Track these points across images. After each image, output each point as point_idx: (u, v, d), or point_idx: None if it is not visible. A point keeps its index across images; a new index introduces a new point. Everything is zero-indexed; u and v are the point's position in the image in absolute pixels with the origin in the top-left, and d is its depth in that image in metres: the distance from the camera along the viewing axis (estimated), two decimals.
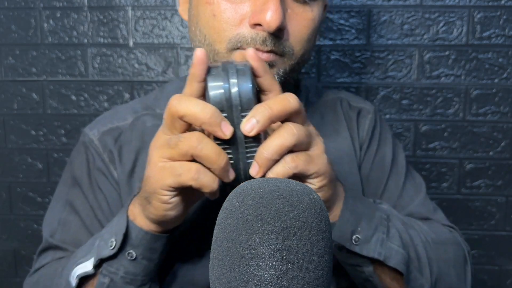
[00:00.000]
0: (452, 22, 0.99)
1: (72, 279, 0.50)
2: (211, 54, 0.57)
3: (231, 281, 0.32)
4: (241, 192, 0.35)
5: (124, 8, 1.04)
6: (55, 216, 0.63)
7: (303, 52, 0.56)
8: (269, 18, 0.50)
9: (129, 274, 0.48)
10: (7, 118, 1.10)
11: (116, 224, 0.48)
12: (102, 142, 0.62)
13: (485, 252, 1.08)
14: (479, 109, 1.02)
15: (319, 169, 0.43)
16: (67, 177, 0.66)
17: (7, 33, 1.06)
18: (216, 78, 0.42)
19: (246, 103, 0.41)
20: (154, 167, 0.42)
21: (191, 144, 0.39)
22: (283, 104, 0.41)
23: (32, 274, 0.61)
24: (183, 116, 0.40)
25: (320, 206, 0.35)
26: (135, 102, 0.68)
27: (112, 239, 0.47)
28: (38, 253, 0.63)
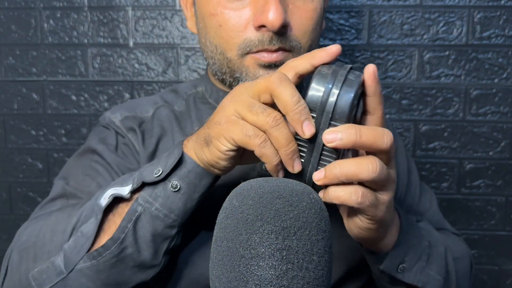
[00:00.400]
0: (452, 22, 0.99)
1: (102, 200, 0.47)
2: (224, 62, 0.58)
3: (231, 280, 0.32)
4: (241, 192, 0.35)
5: (124, 8, 1.04)
6: (71, 174, 0.60)
7: (310, 43, 0.58)
8: (271, 18, 0.51)
9: (164, 208, 0.46)
10: (7, 118, 1.10)
11: (166, 156, 0.47)
12: (125, 124, 0.63)
13: (485, 252, 1.08)
14: (479, 109, 1.02)
15: (377, 215, 0.42)
16: (82, 150, 0.64)
17: (7, 33, 1.06)
18: (322, 79, 0.41)
19: (338, 114, 0.40)
20: (226, 116, 0.42)
21: (268, 122, 0.40)
22: (375, 139, 0.39)
23: (34, 219, 0.55)
24: (275, 96, 0.40)
25: (320, 206, 0.35)
26: (155, 96, 0.69)
27: (159, 168, 0.46)
28: (41, 205, 0.58)
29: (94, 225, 0.47)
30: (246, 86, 0.44)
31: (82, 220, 0.48)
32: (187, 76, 1.05)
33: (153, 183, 0.46)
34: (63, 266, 0.47)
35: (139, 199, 0.47)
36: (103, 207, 0.47)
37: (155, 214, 0.46)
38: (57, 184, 0.60)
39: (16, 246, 0.52)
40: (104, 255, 0.46)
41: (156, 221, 0.46)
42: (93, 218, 0.47)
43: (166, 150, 0.60)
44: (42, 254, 0.49)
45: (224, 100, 0.45)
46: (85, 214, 0.49)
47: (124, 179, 0.49)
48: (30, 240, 0.50)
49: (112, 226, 0.47)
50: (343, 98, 0.40)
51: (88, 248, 0.46)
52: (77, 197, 0.57)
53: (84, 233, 0.47)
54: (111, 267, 0.47)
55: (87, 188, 0.57)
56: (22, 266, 0.49)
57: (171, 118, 0.64)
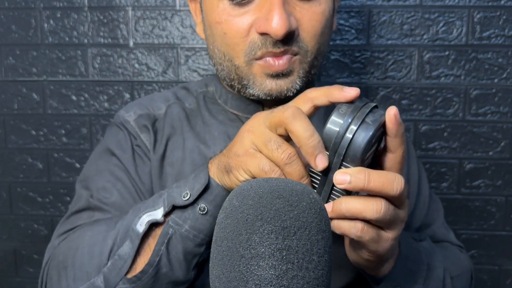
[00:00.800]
0: (452, 22, 0.99)
1: (139, 226, 0.49)
2: (232, 69, 0.58)
3: (231, 280, 0.32)
4: (241, 192, 0.35)
5: (124, 8, 1.04)
6: (93, 180, 0.62)
7: (318, 47, 0.57)
8: (275, 27, 0.51)
9: (193, 229, 0.48)
10: (7, 118, 1.10)
11: (193, 179, 0.49)
12: (139, 123, 0.64)
13: (484, 252, 1.08)
14: (479, 109, 1.02)
15: (378, 251, 0.44)
16: (101, 150, 0.65)
17: (7, 33, 1.06)
18: (341, 115, 0.41)
19: (351, 155, 0.40)
20: (245, 149, 0.44)
21: (283, 159, 0.41)
22: (383, 186, 0.40)
23: (63, 234, 0.58)
24: (289, 131, 0.41)
25: (320, 206, 0.35)
26: (167, 92, 0.70)
27: (186, 191, 0.48)
28: (68, 216, 0.61)
29: (131, 249, 0.49)
30: (263, 116, 0.45)
31: (118, 244, 0.51)
32: (187, 76, 1.05)
33: (183, 207, 0.48)
34: (103, 287, 0.50)
35: (169, 221, 0.49)
36: (141, 233, 0.49)
37: (185, 235, 0.48)
38: (80, 194, 0.62)
39: (54, 264, 0.54)
40: (142, 279, 0.49)
41: (187, 241, 0.49)
42: (128, 241, 0.50)
43: (175, 150, 0.62)
44: (81, 275, 0.51)
45: (243, 129, 0.46)
46: (120, 238, 0.51)
47: (155, 201, 0.50)
48: (67, 260, 0.53)
49: (147, 249, 0.50)
50: (358, 140, 0.40)
51: (126, 270, 0.49)
52: (102, 210, 0.59)
53: (122, 256, 0.50)
54: (149, 286, 0.50)
55: (109, 199, 0.59)
56: (62, 284, 0.52)
57: (182, 117, 0.65)
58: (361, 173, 0.39)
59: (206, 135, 0.63)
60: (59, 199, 1.12)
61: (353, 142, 0.40)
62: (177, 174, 0.61)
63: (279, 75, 0.56)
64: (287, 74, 0.56)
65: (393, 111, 0.40)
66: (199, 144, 0.63)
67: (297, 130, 0.40)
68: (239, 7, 0.55)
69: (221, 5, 0.56)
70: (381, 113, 0.41)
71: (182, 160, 0.62)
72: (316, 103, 0.44)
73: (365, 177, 0.39)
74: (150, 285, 0.49)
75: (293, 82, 0.57)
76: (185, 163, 0.61)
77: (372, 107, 0.41)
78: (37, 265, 1.16)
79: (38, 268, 1.16)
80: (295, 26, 0.54)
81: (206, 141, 0.63)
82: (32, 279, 1.17)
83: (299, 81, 0.57)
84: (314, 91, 0.45)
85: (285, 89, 0.57)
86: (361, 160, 0.41)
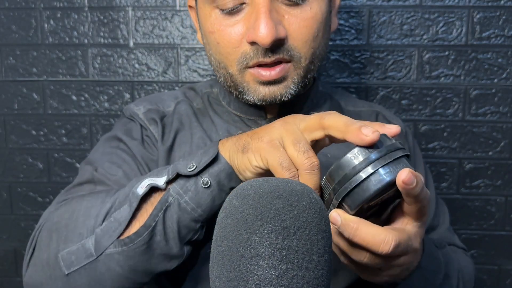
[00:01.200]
0: (452, 23, 0.99)
1: (139, 189, 0.48)
2: (228, 77, 0.59)
3: (231, 280, 0.32)
4: (241, 192, 0.35)
5: (125, 8, 1.04)
6: (99, 161, 0.61)
7: (313, 51, 0.57)
8: (261, 35, 0.51)
9: (192, 201, 0.47)
10: (7, 118, 1.10)
11: (202, 154, 0.48)
12: (148, 117, 0.65)
13: (484, 252, 1.08)
14: (479, 109, 1.02)
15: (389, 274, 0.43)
16: (108, 136, 0.65)
17: (7, 34, 1.07)
18: (365, 151, 0.39)
19: (352, 201, 0.40)
20: (271, 138, 0.44)
21: (305, 165, 0.41)
22: (369, 244, 0.39)
23: (63, 201, 0.57)
24: (327, 126, 0.41)
25: (320, 206, 0.35)
26: (177, 91, 0.71)
27: (193, 163, 0.47)
28: (68, 188, 0.60)
29: (128, 212, 0.48)
30: (300, 118, 0.45)
31: (116, 207, 0.49)
32: (187, 76, 1.05)
33: (186, 176, 0.48)
34: (93, 249, 0.48)
35: (171, 190, 0.48)
36: (140, 195, 0.48)
37: (184, 206, 0.48)
38: (84, 169, 0.61)
39: (46, 226, 0.52)
40: (135, 241, 0.47)
41: (184, 213, 0.48)
42: (127, 205, 0.49)
43: (183, 144, 0.63)
44: (73, 236, 0.50)
45: (277, 121, 0.46)
46: (119, 201, 0.50)
47: (159, 171, 0.50)
48: (61, 222, 0.51)
49: (144, 214, 0.49)
50: (363, 189, 0.39)
51: (120, 233, 0.48)
52: (104, 184, 0.58)
53: (117, 219, 0.48)
54: (141, 254, 0.48)
55: (114, 176, 0.59)
56: (52, 245, 0.50)
57: (190, 113, 0.66)
58: (352, 223, 0.39)
59: (213, 134, 0.64)
60: None
61: (359, 189, 0.39)
62: None
63: (273, 82, 0.56)
64: (280, 81, 0.56)
65: (403, 176, 0.38)
66: (206, 140, 0.63)
67: (336, 121, 0.40)
68: (229, 17, 0.55)
69: (213, 14, 0.56)
70: (403, 166, 0.39)
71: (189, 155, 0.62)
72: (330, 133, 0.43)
73: (352, 230, 0.39)
74: (142, 252, 0.48)
75: (287, 87, 0.57)
76: None
77: (400, 155, 0.39)
78: None
79: None
80: (283, 34, 0.53)
81: (212, 139, 0.64)
82: None
83: (293, 86, 0.57)
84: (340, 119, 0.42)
85: (279, 94, 0.57)
86: (360, 207, 0.40)
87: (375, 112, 0.72)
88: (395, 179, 0.38)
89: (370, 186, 0.39)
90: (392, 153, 0.39)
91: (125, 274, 0.49)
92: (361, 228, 0.39)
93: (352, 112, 0.71)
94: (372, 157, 0.39)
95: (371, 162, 0.39)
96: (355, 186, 0.39)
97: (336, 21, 0.63)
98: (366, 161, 0.39)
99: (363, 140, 0.39)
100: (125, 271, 0.48)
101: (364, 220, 0.40)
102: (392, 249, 0.39)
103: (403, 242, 0.40)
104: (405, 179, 0.37)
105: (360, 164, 0.39)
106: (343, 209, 0.41)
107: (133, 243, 0.48)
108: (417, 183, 0.38)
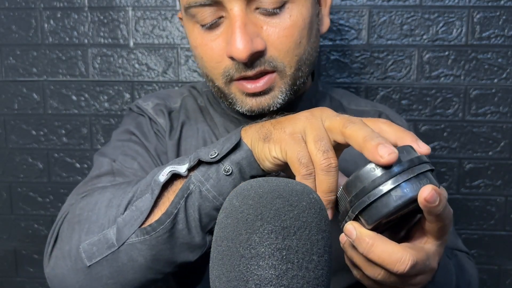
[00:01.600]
0: (452, 23, 0.99)
1: (161, 176, 0.47)
2: (216, 89, 0.59)
3: (231, 280, 0.32)
4: (241, 192, 0.35)
5: (125, 8, 1.04)
6: (113, 153, 0.61)
7: (298, 59, 0.55)
8: (236, 51, 0.51)
9: (214, 189, 0.46)
10: (7, 118, 1.10)
11: (224, 141, 0.47)
12: (156, 111, 0.66)
13: (484, 252, 1.08)
14: (479, 109, 1.02)
15: None
16: (120, 131, 0.65)
17: (7, 34, 1.07)
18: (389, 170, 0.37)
19: (369, 216, 0.38)
20: (293, 130, 0.43)
21: (322, 165, 0.40)
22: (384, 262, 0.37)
23: (83, 193, 0.56)
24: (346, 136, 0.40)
25: (320, 206, 0.35)
26: (182, 88, 0.72)
27: (215, 150, 0.46)
28: (87, 180, 0.59)
29: (150, 200, 0.47)
30: (328, 114, 0.43)
31: (138, 195, 0.49)
32: (187, 76, 1.05)
33: (208, 163, 0.47)
34: (115, 239, 0.47)
35: (192, 177, 0.47)
36: (162, 182, 0.47)
37: (205, 194, 0.46)
38: (101, 161, 0.60)
39: (68, 218, 0.52)
40: (157, 230, 0.46)
41: (205, 201, 0.47)
42: (149, 193, 0.48)
43: (189, 138, 0.64)
44: (94, 227, 0.49)
45: (303, 113, 0.44)
46: (140, 190, 0.49)
47: (181, 159, 0.49)
48: (83, 214, 0.51)
49: (166, 202, 0.47)
50: (384, 202, 0.37)
51: (141, 222, 0.47)
52: (123, 175, 0.58)
53: (139, 208, 0.47)
54: (163, 243, 0.47)
55: (130, 169, 0.58)
56: (74, 237, 0.49)
57: (196, 108, 0.67)
58: (367, 238, 0.38)
59: (215, 130, 0.65)
60: (59, 199, 1.13)
61: (379, 201, 0.37)
62: None
63: (258, 94, 0.55)
64: (266, 92, 0.55)
65: (425, 193, 0.36)
66: (211, 135, 0.64)
67: (356, 133, 0.38)
68: (210, 31, 0.55)
69: (195, 29, 0.56)
70: (426, 183, 0.37)
71: (196, 148, 0.63)
72: (384, 136, 0.40)
73: (367, 246, 0.38)
74: (164, 240, 0.47)
75: (274, 98, 0.56)
76: None
77: (424, 170, 0.37)
78: (37, 265, 1.16)
79: (39, 268, 1.16)
80: (261, 47, 0.52)
81: (216, 134, 0.65)
82: (33, 279, 1.17)
83: (281, 96, 0.56)
84: (388, 126, 0.41)
85: (266, 105, 0.56)
86: (377, 223, 0.38)
87: (378, 112, 0.71)
88: (417, 195, 0.36)
89: (390, 201, 0.36)
90: (416, 168, 0.37)
91: (147, 264, 0.48)
92: (377, 245, 0.37)
93: (354, 111, 0.70)
94: (394, 170, 0.36)
95: (392, 176, 0.36)
96: (373, 201, 0.37)
97: (328, 21, 0.62)
98: (387, 174, 0.36)
99: (378, 161, 0.37)
100: (147, 261, 0.48)
101: (380, 236, 0.38)
102: (408, 269, 0.37)
103: (421, 262, 0.39)
104: (427, 197, 0.35)
105: (380, 177, 0.37)
106: (360, 223, 0.39)
107: (155, 231, 0.46)
108: (440, 201, 0.36)
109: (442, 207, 0.36)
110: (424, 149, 0.39)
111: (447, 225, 0.39)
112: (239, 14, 0.51)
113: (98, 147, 1.09)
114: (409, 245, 0.40)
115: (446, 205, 0.37)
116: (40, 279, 1.16)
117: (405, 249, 0.38)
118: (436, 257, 0.42)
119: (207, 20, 0.54)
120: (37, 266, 1.16)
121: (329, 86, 0.75)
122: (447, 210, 0.38)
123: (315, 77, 0.68)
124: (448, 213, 0.38)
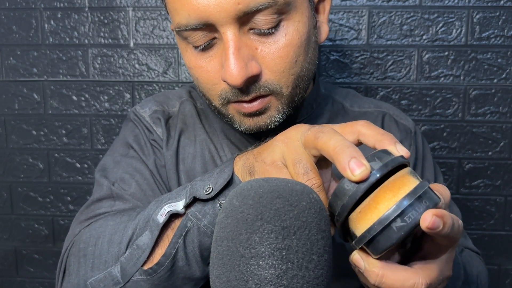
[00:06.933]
0: (451, 23, 1.00)
1: (159, 216, 0.48)
2: (213, 108, 0.59)
3: (231, 280, 0.32)
4: (241, 192, 0.35)
5: (125, 8, 1.04)
6: (112, 171, 0.62)
7: (294, 78, 0.54)
8: (230, 77, 0.49)
9: (211, 225, 0.46)
10: (8, 118, 1.10)
11: (218, 174, 0.47)
12: (153, 119, 0.65)
13: (484, 252, 1.08)
14: (478, 109, 1.02)
15: None
16: (119, 143, 0.66)
17: (8, 34, 1.07)
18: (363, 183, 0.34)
19: (373, 249, 0.36)
20: (273, 159, 0.42)
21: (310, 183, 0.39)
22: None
23: (84, 221, 0.57)
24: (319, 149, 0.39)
25: (320, 206, 0.35)
26: (181, 90, 0.71)
27: (209, 185, 0.46)
28: (88, 204, 0.60)
29: (150, 239, 0.48)
30: (301, 131, 0.42)
31: (137, 233, 0.50)
32: (187, 76, 1.05)
33: (203, 200, 0.47)
34: (120, 276, 0.49)
35: (189, 214, 0.47)
36: (161, 224, 0.48)
37: (203, 230, 0.47)
38: (101, 182, 0.61)
39: (73, 251, 0.54)
40: (158, 271, 0.48)
41: (204, 237, 0.47)
42: (148, 231, 0.49)
43: (187, 146, 0.63)
44: (99, 263, 0.51)
45: (278, 137, 0.44)
46: (139, 227, 0.50)
47: (178, 193, 0.49)
48: (87, 248, 0.52)
49: (166, 240, 0.49)
50: (385, 235, 0.35)
51: (144, 261, 0.48)
52: (123, 199, 0.58)
53: (140, 246, 0.49)
54: (165, 280, 0.49)
55: (129, 190, 0.59)
56: (81, 272, 0.51)
57: (193, 114, 0.66)
58: (376, 269, 0.37)
59: (214, 136, 0.65)
60: (59, 199, 1.13)
61: (382, 234, 0.35)
62: (188, 170, 0.62)
63: (254, 114, 0.55)
64: (262, 112, 0.54)
65: (427, 222, 0.33)
66: (209, 142, 0.63)
67: (326, 144, 0.37)
68: (203, 53, 0.53)
69: (188, 50, 0.54)
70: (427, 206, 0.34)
71: (193, 157, 0.62)
72: (362, 140, 0.40)
73: (378, 278, 0.37)
74: (166, 278, 0.48)
75: (271, 117, 0.55)
76: (196, 160, 0.62)
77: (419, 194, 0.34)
78: (37, 265, 1.16)
79: (39, 268, 1.16)
80: (256, 71, 0.51)
81: (214, 140, 0.64)
82: (33, 279, 1.17)
83: (278, 114, 0.55)
84: (367, 128, 0.40)
85: (264, 124, 0.56)
86: (384, 253, 0.36)
87: (381, 113, 0.69)
88: (419, 221, 0.34)
89: (391, 234, 0.34)
90: (421, 184, 0.35)
91: None
92: (387, 276, 0.36)
93: (357, 113, 0.69)
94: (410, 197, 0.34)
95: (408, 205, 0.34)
96: (375, 235, 0.35)
97: (326, 29, 0.60)
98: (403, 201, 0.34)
99: (350, 178, 0.35)
100: None
101: (389, 265, 0.37)
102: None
103: (435, 281, 0.38)
104: (429, 225, 0.34)
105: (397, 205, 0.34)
106: (366, 252, 0.38)
107: (156, 273, 0.48)
108: (444, 224, 0.34)
109: (448, 229, 0.35)
110: (402, 152, 0.37)
111: (459, 238, 0.38)
112: (232, 38, 0.49)
113: (99, 147, 1.09)
114: (420, 266, 0.39)
115: (452, 224, 0.35)
116: (40, 279, 1.17)
117: (417, 273, 0.37)
118: (450, 264, 0.41)
119: (200, 42, 0.52)
120: (37, 266, 1.16)
121: (332, 86, 0.73)
122: (455, 228, 0.36)
123: (316, 80, 0.66)
124: (458, 230, 0.36)
